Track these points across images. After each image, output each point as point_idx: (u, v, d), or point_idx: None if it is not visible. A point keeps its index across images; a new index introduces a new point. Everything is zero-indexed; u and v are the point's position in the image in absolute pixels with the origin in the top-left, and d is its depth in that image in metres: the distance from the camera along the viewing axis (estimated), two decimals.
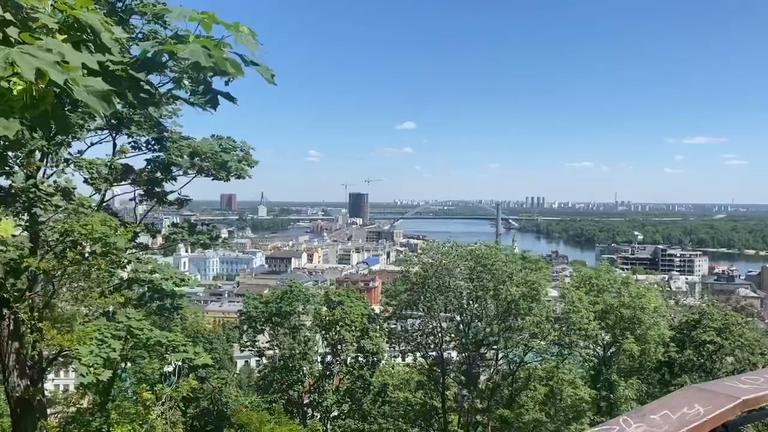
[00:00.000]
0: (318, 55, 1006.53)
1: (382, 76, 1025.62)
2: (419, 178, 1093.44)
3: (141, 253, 16.41)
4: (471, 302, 32.67)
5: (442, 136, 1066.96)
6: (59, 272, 11.59)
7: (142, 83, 2.80)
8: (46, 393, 23.19)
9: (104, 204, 15.03)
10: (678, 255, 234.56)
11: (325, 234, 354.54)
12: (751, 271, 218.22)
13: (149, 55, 2.62)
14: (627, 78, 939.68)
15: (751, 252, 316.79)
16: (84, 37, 2.57)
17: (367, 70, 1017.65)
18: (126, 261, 13.54)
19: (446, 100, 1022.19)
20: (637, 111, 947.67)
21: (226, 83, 9.41)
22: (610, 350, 33.91)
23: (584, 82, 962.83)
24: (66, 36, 2.46)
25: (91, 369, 10.37)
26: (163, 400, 14.25)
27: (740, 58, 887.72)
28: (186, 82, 3.36)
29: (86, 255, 11.09)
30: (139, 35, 12.08)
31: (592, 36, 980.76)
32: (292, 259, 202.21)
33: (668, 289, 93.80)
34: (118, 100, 2.82)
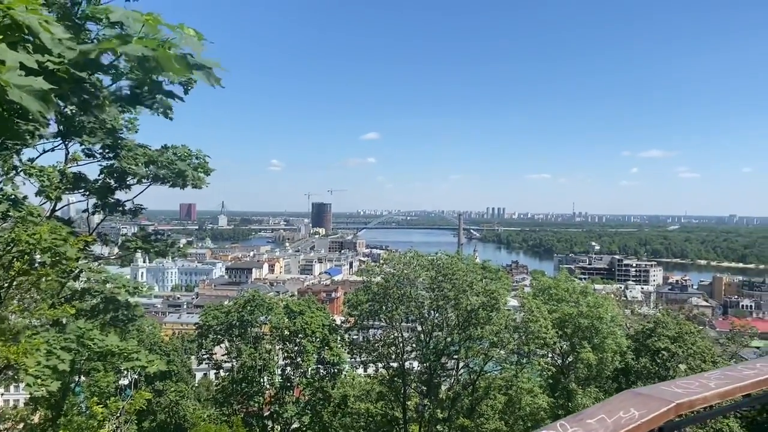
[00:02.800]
0: (280, 64, 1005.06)
1: (345, 86, 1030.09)
2: (382, 188, 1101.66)
3: (95, 263, 16.00)
4: (432, 312, 32.72)
5: (405, 147, 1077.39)
6: (6, 283, 11.18)
7: (84, 84, 2.74)
8: None
9: (56, 213, 14.62)
10: (634, 265, 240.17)
11: (287, 244, 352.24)
12: (703, 281, 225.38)
13: (91, 56, 2.55)
14: (585, 92, 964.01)
15: (703, 262, 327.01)
16: (22, 37, 2.50)
17: (329, 81, 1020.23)
18: (78, 271, 13.17)
19: (409, 111, 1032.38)
20: (595, 124, 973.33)
21: (185, 92, 9.21)
22: (568, 359, 34.39)
23: (543, 94, 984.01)
24: (1, 36, 2.38)
25: (38, 380, 10.03)
26: (118, 414, 13.87)
27: (693, 75, 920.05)
28: (130, 83, 3.28)
29: (35, 265, 10.74)
30: (94, 41, 11.81)
31: (551, 49, 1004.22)
32: (253, 269, 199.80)
33: (624, 298, 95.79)
34: (62, 102, 2.74)
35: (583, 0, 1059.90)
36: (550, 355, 34.32)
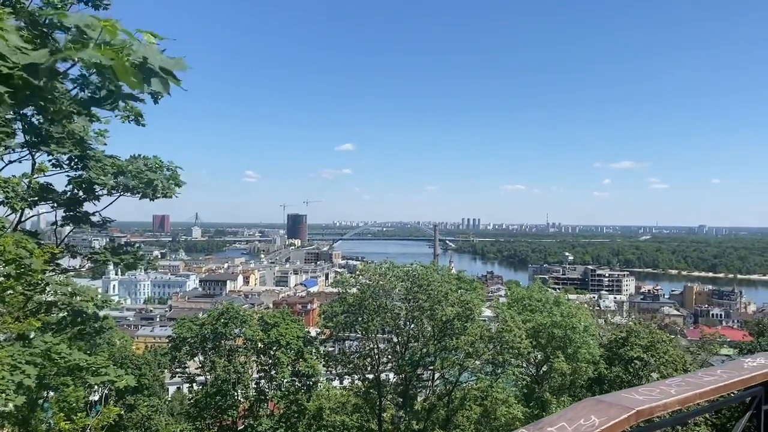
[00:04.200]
0: (253, 74, 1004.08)
1: (320, 96, 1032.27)
2: (358, 199, 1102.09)
3: (63, 275, 15.66)
4: (408, 323, 32.70)
5: (381, 158, 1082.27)
6: None
7: (41, 90, 2.68)
8: None
9: (21, 224, 14.29)
10: (607, 275, 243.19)
11: (262, 256, 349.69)
12: (674, 290, 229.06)
13: (43, 61, 2.50)
14: (557, 103, 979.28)
15: (674, 272, 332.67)
16: None
17: (304, 91, 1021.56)
18: (44, 283, 12.88)
19: (384, 122, 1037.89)
20: (567, 136, 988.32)
21: (155, 101, 9.10)
22: (543, 369, 34.59)
23: (517, 107, 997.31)
24: None
25: (2, 395, 9.76)
26: (88, 430, 13.55)
27: (663, 87, 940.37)
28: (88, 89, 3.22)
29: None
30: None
31: (523, 63, 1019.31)
32: (228, 281, 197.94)
33: (598, 308, 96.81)
34: (19, 108, 2.67)
35: (554, 15, 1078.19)
36: (524, 365, 34.49)
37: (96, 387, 21.80)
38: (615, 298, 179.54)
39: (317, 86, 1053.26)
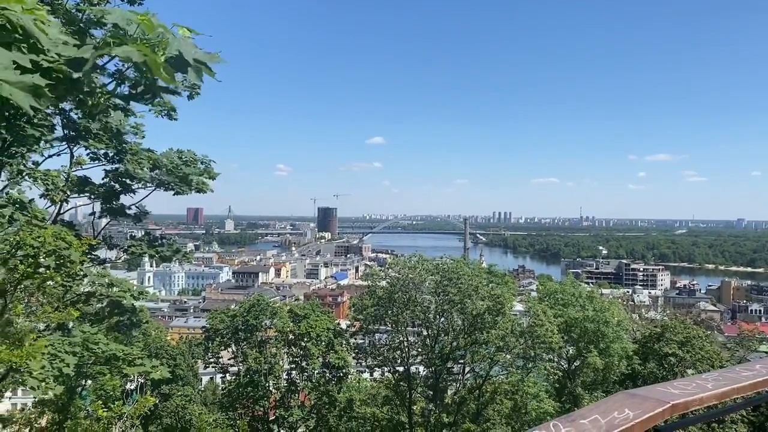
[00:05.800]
0: (285, 67, 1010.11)
1: (350, 90, 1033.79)
2: (388, 192, 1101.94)
3: (100, 266, 16.01)
4: (437, 316, 32.68)
5: (411, 152, 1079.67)
6: (12, 286, 11.22)
7: (80, 84, 2.74)
8: (2, 412, 22.46)
9: (60, 216, 14.66)
10: (641, 269, 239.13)
11: (293, 248, 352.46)
12: (711, 285, 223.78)
13: (85, 56, 2.56)
14: (592, 95, 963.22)
15: (711, 266, 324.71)
16: (16, 37, 2.50)
17: (335, 84, 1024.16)
18: (83, 274, 13.20)
19: (415, 115, 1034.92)
20: (602, 128, 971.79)
21: (190, 97, 9.18)
22: (575, 363, 34.23)
23: (550, 98, 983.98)
24: None
25: (43, 384, 10.07)
26: (124, 418, 13.88)
27: (701, 77, 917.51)
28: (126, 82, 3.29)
29: (40, 268, 10.77)
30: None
31: (557, 53, 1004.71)
32: (260, 273, 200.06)
33: (632, 302, 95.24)
34: (59, 101, 2.74)
35: (589, 3, 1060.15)
36: (556, 360, 34.18)
37: (132, 376, 22.33)
38: (650, 293, 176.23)
39: (348, 79, 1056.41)
